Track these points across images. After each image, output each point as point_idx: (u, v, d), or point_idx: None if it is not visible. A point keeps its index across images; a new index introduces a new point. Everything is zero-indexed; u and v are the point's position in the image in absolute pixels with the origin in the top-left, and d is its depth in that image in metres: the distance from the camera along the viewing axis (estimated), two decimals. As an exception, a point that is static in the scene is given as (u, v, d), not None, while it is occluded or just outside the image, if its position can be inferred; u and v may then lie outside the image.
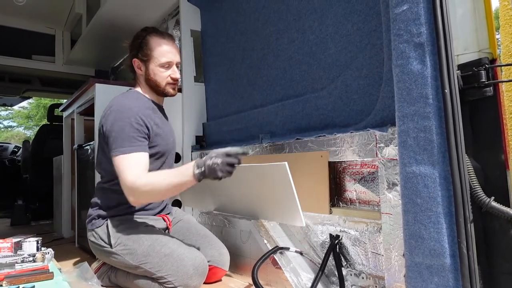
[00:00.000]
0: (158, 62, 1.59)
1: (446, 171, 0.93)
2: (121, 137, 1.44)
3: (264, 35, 1.90)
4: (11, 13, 3.47)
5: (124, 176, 1.38)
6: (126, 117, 1.47)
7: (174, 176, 1.35)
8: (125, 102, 1.54)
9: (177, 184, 1.34)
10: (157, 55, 1.59)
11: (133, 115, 1.48)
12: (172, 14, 2.68)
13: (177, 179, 1.33)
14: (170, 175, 1.37)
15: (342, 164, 1.46)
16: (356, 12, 1.42)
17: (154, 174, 1.41)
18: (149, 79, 1.62)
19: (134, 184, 1.35)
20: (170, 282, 1.42)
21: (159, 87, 1.63)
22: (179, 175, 1.33)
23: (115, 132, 1.46)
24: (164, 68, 1.60)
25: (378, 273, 1.28)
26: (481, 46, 1.02)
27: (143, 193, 1.37)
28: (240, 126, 2.03)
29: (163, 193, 1.39)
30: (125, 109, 1.50)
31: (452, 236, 0.92)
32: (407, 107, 1.00)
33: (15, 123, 16.59)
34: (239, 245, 1.73)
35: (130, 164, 1.40)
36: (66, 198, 2.85)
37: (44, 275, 1.31)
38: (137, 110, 1.51)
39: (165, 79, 1.62)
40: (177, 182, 1.33)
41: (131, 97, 1.59)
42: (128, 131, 1.45)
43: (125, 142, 1.43)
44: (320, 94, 1.55)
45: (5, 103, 5.09)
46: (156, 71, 1.60)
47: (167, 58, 1.60)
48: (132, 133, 1.46)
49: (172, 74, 1.62)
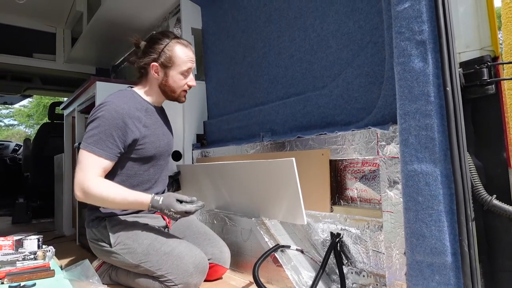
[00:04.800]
0: (180, 69, 1.59)
1: (447, 169, 0.93)
2: (97, 135, 1.45)
3: (265, 33, 1.90)
4: (12, 12, 3.47)
5: (81, 172, 1.43)
6: (111, 119, 1.47)
7: (129, 193, 1.44)
8: (114, 102, 1.52)
9: (128, 203, 1.44)
10: (180, 62, 1.59)
11: (119, 118, 1.47)
12: (173, 12, 2.68)
13: (131, 198, 1.43)
14: (126, 191, 1.44)
15: (343, 162, 1.46)
16: (357, 10, 1.41)
17: (112, 185, 1.45)
18: (165, 85, 1.61)
19: (88, 184, 1.40)
20: (171, 280, 1.41)
21: (174, 93, 1.63)
22: (135, 196, 1.44)
23: (95, 128, 1.47)
24: (183, 75, 1.61)
25: (379, 271, 1.28)
26: (483, 44, 1.01)
27: (93, 196, 1.41)
28: (241, 124, 2.03)
29: (110, 203, 1.45)
30: (111, 110, 1.48)
31: (453, 234, 0.92)
32: (409, 105, 1.00)
33: (16, 121, 16.62)
34: (240, 243, 1.74)
35: (93, 163, 1.44)
36: (67, 196, 2.85)
37: (45, 273, 1.31)
38: (125, 112, 1.49)
39: (182, 86, 1.63)
40: (130, 201, 1.43)
41: (124, 97, 1.57)
42: (106, 133, 1.46)
43: (98, 143, 1.45)
44: (321, 92, 1.55)
45: (6, 102, 5.10)
46: (176, 78, 1.60)
47: (188, 66, 1.61)
48: (108, 137, 1.46)
49: (190, 82, 1.63)
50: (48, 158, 3.47)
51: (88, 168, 1.43)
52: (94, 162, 1.44)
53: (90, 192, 1.41)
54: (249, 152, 1.88)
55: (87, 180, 1.41)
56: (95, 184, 1.41)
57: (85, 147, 1.45)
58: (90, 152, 1.44)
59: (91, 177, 1.42)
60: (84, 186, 1.41)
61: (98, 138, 1.45)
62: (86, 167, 1.43)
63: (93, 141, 1.45)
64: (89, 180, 1.41)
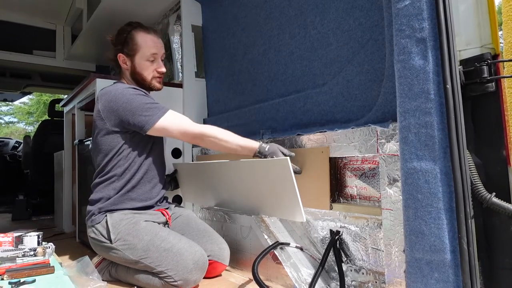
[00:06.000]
0: (144, 55, 1.61)
1: (447, 167, 0.93)
2: (145, 108, 1.50)
3: (265, 30, 1.89)
4: (12, 8, 3.46)
5: (185, 127, 1.50)
6: (132, 94, 1.53)
7: (239, 137, 1.51)
8: (119, 86, 1.58)
9: (239, 146, 1.49)
10: (142, 49, 1.61)
11: (134, 90, 1.55)
12: (173, 9, 2.67)
13: (242, 142, 1.49)
14: (235, 135, 1.51)
15: (343, 160, 1.46)
16: (358, 7, 1.41)
17: (222, 130, 1.52)
18: (135, 73, 1.64)
19: (203, 131, 1.49)
20: (170, 276, 1.42)
21: (145, 81, 1.65)
22: (246, 141, 1.50)
23: (136, 109, 1.50)
24: (149, 61, 1.62)
25: (378, 268, 1.29)
26: (484, 41, 1.01)
27: (210, 136, 1.49)
28: (241, 121, 2.02)
29: (224, 142, 1.50)
30: (125, 90, 1.54)
31: (452, 232, 0.92)
32: (409, 103, 1.00)
33: (16, 118, 16.61)
34: (240, 241, 1.74)
35: (178, 118, 1.52)
36: (67, 193, 2.85)
37: (45, 269, 1.31)
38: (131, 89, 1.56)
39: (151, 72, 1.64)
40: (242, 144, 1.49)
41: (121, 84, 1.62)
42: (145, 101, 1.52)
43: (153, 110, 1.50)
44: (321, 89, 1.55)
45: (5, 99, 5.09)
46: (142, 65, 1.63)
47: (152, 51, 1.62)
48: (149, 101, 1.53)
49: (158, 67, 1.64)
50: (48, 155, 3.47)
51: (183, 122, 1.51)
52: (176, 117, 1.52)
53: (206, 134, 1.49)
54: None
55: (199, 129, 1.49)
56: (206, 128, 1.50)
57: (157, 119, 1.49)
58: (163, 115, 1.50)
59: (194, 124, 1.52)
60: (201, 135, 1.49)
61: (150, 106, 1.51)
62: (182, 123, 1.51)
63: (153, 112, 1.50)
64: (200, 129, 1.50)
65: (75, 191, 2.70)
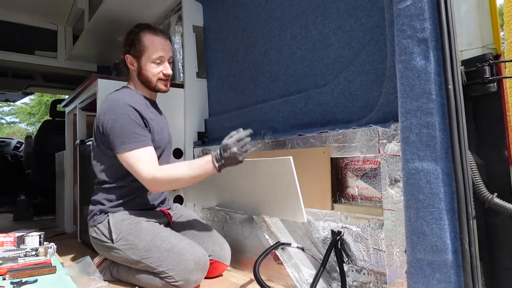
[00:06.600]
0: (150, 57, 1.61)
1: (449, 167, 0.93)
2: (124, 134, 1.47)
3: (266, 30, 1.90)
4: (13, 9, 3.47)
5: (140, 171, 1.45)
6: (125, 113, 1.50)
7: (194, 169, 1.43)
8: (120, 98, 1.56)
9: (198, 176, 1.43)
10: (149, 51, 1.60)
11: (131, 110, 1.51)
12: (175, 9, 2.67)
13: (198, 171, 1.42)
14: (190, 168, 1.44)
15: (345, 160, 1.46)
16: (359, 8, 1.41)
17: (173, 168, 1.48)
18: (141, 75, 1.64)
19: (155, 177, 1.44)
20: (171, 276, 1.42)
21: (150, 83, 1.65)
22: (199, 168, 1.42)
23: (118, 130, 1.48)
24: (155, 64, 1.62)
25: (379, 269, 1.28)
26: (485, 41, 1.01)
27: (165, 185, 1.48)
28: (242, 122, 2.02)
29: (184, 184, 1.51)
30: (122, 105, 1.52)
31: (454, 232, 0.92)
32: (410, 103, 1.00)
33: (18, 119, 16.64)
34: (241, 241, 1.74)
35: (141, 158, 1.47)
36: (68, 193, 2.86)
37: (46, 269, 1.32)
38: (133, 104, 1.53)
39: (156, 75, 1.63)
40: (198, 174, 1.43)
41: (125, 94, 1.60)
42: (130, 127, 1.49)
43: (130, 139, 1.47)
44: (322, 90, 1.55)
45: (7, 99, 5.10)
46: (147, 67, 1.62)
47: (159, 53, 1.61)
48: (134, 129, 1.49)
49: (164, 70, 1.64)
50: (50, 155, 3.47)
51: (141, 166, 1.46)
52: (140, 156, 1.47)
53: (160, 182, 1.45)
54: (251, 150, 1.88)
55: (151, 176, 1.44)
56: (160, 177, 1.44)
57: (122, 151, 1.48)
58: (134, 149, 1.47)
59: (151, 171, 1.45)
60: (152, 181, 1.45)
61: (128, 135, 1.48)
62: (139, 166, 1.46)
63: (125, 141, 1.47)
64: (152, 175, 1.44)
65: (76, 191, 2.70)
